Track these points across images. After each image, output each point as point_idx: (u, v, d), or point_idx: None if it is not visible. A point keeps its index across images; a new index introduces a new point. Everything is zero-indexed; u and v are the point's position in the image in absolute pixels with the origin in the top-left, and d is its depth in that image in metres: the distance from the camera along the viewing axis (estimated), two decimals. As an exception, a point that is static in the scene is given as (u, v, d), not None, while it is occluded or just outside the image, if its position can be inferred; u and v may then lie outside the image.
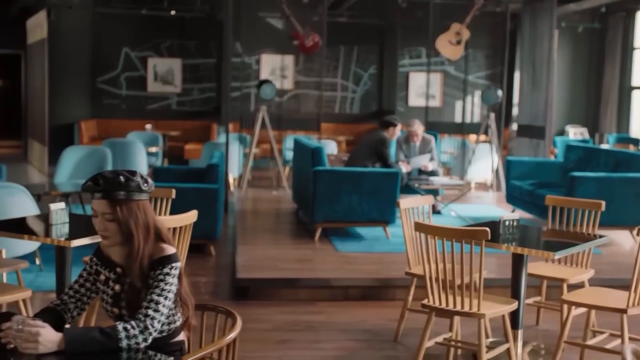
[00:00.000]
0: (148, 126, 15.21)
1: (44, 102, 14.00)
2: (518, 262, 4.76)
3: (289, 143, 14.28)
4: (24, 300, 4.60)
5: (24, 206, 6.27)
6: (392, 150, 9.36)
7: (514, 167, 9.30)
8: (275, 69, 16.07)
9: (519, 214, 9.12)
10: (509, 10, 11.40)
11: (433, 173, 9.24)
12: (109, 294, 2.82)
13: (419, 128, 9.35)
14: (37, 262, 6.75)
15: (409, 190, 8.73)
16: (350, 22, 15.81)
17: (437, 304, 4.37)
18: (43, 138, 14.06)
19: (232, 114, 15.95)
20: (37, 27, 14.62)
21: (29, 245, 6.42)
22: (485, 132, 11.49)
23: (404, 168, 8.84)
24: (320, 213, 7.63)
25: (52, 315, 2.75)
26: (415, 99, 16.56)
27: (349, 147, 15.06)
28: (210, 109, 16.24)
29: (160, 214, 5.45)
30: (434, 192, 9.41)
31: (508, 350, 4.50)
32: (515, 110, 15.29)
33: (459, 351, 5.00)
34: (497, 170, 11.46)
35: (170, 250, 2.77)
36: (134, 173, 2.74)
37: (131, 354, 2.58)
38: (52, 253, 7.13)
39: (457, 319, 4.83)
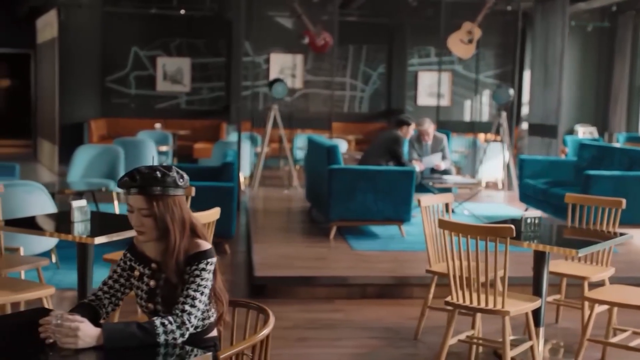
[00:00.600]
0: (157, 125, 15.22)
1: (54, 102, 14.00)
2: (540, 259, 4.76)
3: (298, 142, 14.29)
4: (47, 298, 4.59)
5: (42, 204, 6.28)
6: (405, 149, 9.35)
7: (527, 166, 9.29)
8: (285, 68, 16.07)
9: (533, 212, 9.14)
10: (521, 9, 11.37)
11: (446, 172, 9.23)
12: (143, 290, 2.82)
13: (430, 127, 9.34)
14: (54, 259, 6.76)
15: (422, 189, 8.72)
16: (360, 21, 15.82)
17: (460, 302, 4.36)
18: (53, 137, 14.07)
19: (242, 113, 15.99)
20: (47, 26, 14.63)
21: (46, 243, 6.43)
22: (497, 131, 11.47)
23: (418, 167, 8.83)
24: (335, 211, 7.63)
25: (88, 311, 2.75)
26: (424, 98, 16.56)
27: (358, 146, 15.07)
28: (219, 108, 16.25)
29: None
30: (447, 191, 9.41)
31: (531, 347, 4.49)
32: (524, 109, 15.30)
33: (480, 349, 4.99)
34: (508, 169, 11.44)
35: (206, 245, 2.77)
36: (170, 168, 2.74)
37: (169, 349, 2.58)
38: (68, 251, 7.18)
39: (478, 316, 4.82)
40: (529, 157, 9.56)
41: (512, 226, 4.13)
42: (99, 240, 4.39)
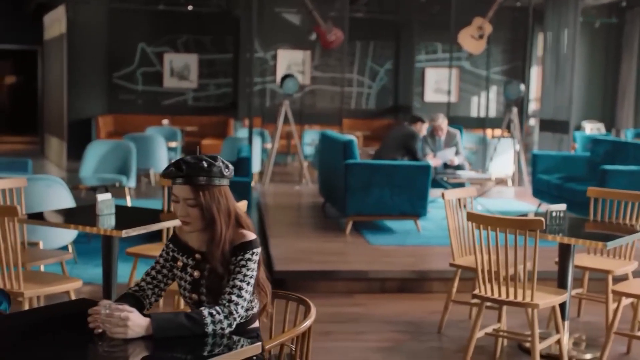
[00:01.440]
0: (165, 121, 15.20)
1: (62, 98, 14.00)
2: (565, 253, 4.76)
3: (307, 138, 14.28)
4: (73, 291, 4.58)
5: (61, 198, 6.27)
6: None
7: (540, 161, 9.29)
8: (292, 64, 16.06)
9: (547, 207, 9.14)
10: (532, 5, 11.36)
11: (459, 167, 9.23)
12: (187, 280, 2.82)
13: (443, 122, 9.35)
14: (72, 254, 6.75)
15: (435, 184, 8.72)
16: (367, 17, 15.80)
17: (489, 294, 4.36)
18: (61, 133, 14.07)
19: (250, 110, 15.98)
20: (55, 22, 14.62)
21: (64, 238, 6.42)
22: (508, 127, 11.46)
23: (433, 163, 8.83)
24: (351, 206, 7.63)
25: (133, 301, 2.75)
26: (432, 95, 16.55)
27: (366, 142, 15.06)
28: (226, 105, 16.24)
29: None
30: (460, 186, 9.41)
31: (558, 341, 4.49)
32: (532, 106, 15.30)
33: (505, 342, 4.99)
34: (519, 165, 11.43)
35: (251, 235, 2.76)
36: (215, 158, 2.74)
37: (216, 339, 2.57)
38: (85, 246, 7.19)
39: (504, 310, 4.82)
40: (542, 153, 9.56)
41: (542, 219, 4.13)
42: (127, 232, 4.39)
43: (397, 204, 7.64)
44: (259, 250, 2.77)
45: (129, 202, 9.35)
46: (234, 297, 2.66)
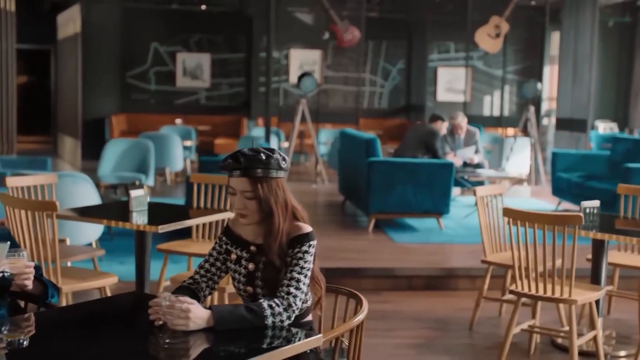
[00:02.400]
0: (178, 121, 15.22)
1: (76, 97, 14.01)
2: (599, 249, 4.75)
3: (322, 137, 14.27)
4: (108, 286, 4.58)
5: (88, 195, 6.28)
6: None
7: (560, 160, 9.27)
8: (304, 64, 16.04)
9: (566, 205, 9.13)
10: (549, 4, 11.35)
11: (479, 165, 9.21)
12: (241, 273, 2.81)
13: (462, 120, 9.33)
14: (104, 250, 6.75)
15: (455, 183, 8.71)
16: (380, 17, 15.78)
17: (525, 290, 4.35)
18: (75, 132, 14.07)
19: (262, 109, 15.98)
20: (70, 22, 14.63)
21: (90, 235, 6.41)
22: (525, 126, 11.44)
23: (453, 161, 8.82)
24: (374, 204, 7.62)
25: (188, 294, 2.73)
26: (444, 94, 16.53)
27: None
28: (239, 104, 16.24)
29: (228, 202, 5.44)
30: (477, 185, 9.40)
31: (594, 337, 4.47)
32: (544, 105, 15.27)
33: (538, 339, 4.98)
34: (536, 163, 11.41)
35: (307, 228, 2.76)
36: (273, 150, 2.73)
37: (276, 331, 2.57)
38: (108, 243, 7.18)
39: (539, 306, 4.80)
40: (562, 151, 9.54)
41: (581, 215, 4.12)
42: (163, 228, 4.39)
43: (420, 201, 7.63)
44: (315, 242, 2.76)
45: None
46: (292, 290, 2.66)
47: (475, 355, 4.86)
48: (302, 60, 16.09)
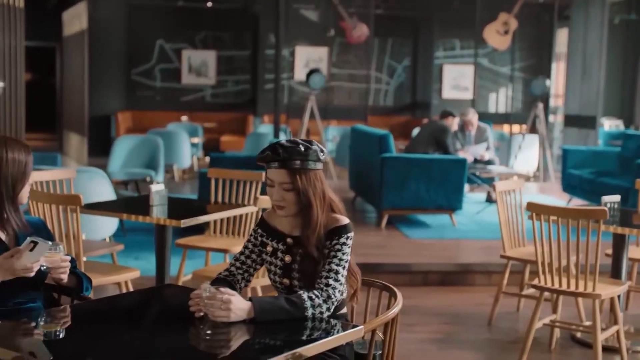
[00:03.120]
0: (184, 118, 15.22)
1: (83, 94, 14.00)
2: (620, 244, 4.76)
3: (328, 134, 14.25)
4: (130, 281, 4.58)
5: (103, 190, 6.26)
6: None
7: (570, 156, 9.26)
8: (310, 61, 16.03)
9: (577, 202, 9.12)
10: (558, 1, 11.34)
11: (489, 162, 9.21)
12: (277, 265, 2.80)
13: (474, 117, 9.33)
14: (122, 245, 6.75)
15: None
16: (386, 14, 15.77)
17: (548, 285, 4.34)
18: (82, 129, 14.07)
19: (268, 107, 15.97)
20: (76, 18, 14.62)
21: (105, 230, 6.40)
22: (533, 123, 11.43)
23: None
24: (387, 200, 7.61)
25: (225, 286, 2.72)
26: (449, 91, 16.52)
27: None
28: (244, 101, 16.22)
29: (251, 197, 5.44)
30: (490, 181, 9.39)
31: (617, 332, 4.47)
32: (550, 102, 15.26)
33: (558, 334, 4.97)
34: (544, 160, 11.40)
35: (344, 220, 2.75)
36: (311, 142, 2.72)
37: (315, 322, 2.57)
38: (121, 239, 7.16)
39: (560, 301, 4.80)
40: (572, 148, 9.53)
41: (606, 209, 4.11)
42: (186, 222, 4.38)
43: (433, 197, 7.62)
44: (352, 234, 2.76)
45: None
46: (331, 281, 2.65)
47: (496, 350, 4.85)
48: (308, 57, 16.08)
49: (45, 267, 2.72)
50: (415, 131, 12.88)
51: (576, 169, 9.11)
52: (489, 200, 9.34)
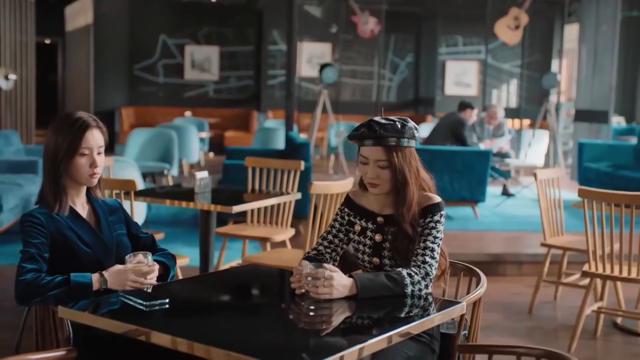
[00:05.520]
0: (188, 113, 15.17)
1: (88, 89, 13.94)
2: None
3: (333, 130, 14.24)
4: (179, 267, 4.54)
5: (135, 179, 6.21)
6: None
7: (586, 150, 9.29)
8: (313, 57, 16.02)
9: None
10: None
11: (506, 155, 9.23)
12: (366, 244, 2.78)
13: (500, 110, 9.35)
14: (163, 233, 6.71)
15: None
16: (389, 10, 15.77)
17: (600, 271, 4.35)
18: (87, 124, 13.97)
19: (272, 102, 15.95)
20: (80, 13, 14.54)
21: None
22: (544, 117, 11.47)
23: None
24: (411, 192, 7.59)
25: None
26: (452, 88, 16.54)
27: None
28: (247, 97, 16.19)
29: (289, 186, 5.43)
30: (506, 175, 9.42)
31: (666, 318, 4.49)
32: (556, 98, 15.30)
33: (602, 321, 4.98)
34: (555, 154, 11.43)
35: (437, 198, 2.74)
36: (407, 120, 2.71)
37: (414, 300, 2.55)
38: (151, 227, 7.12)
39: (607, 288, 4.81)
40: (588, 141, 9.57)
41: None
42: (237, 208, 4.37)
43: (457, 189, 7.62)
44: (445, 213, 2.74)
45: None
46: (427, 259, 2.64)
47: (542, 337, 4.85)
48: (311, 53, 16.07)
49: (149, 288, 2.66)
50: (425, 127, 12.91)
51: (593, 162, 9.14)
52: (505, 193, 9.36)
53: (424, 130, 11.82)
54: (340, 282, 2.46)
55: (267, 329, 2.31)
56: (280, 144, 11.69)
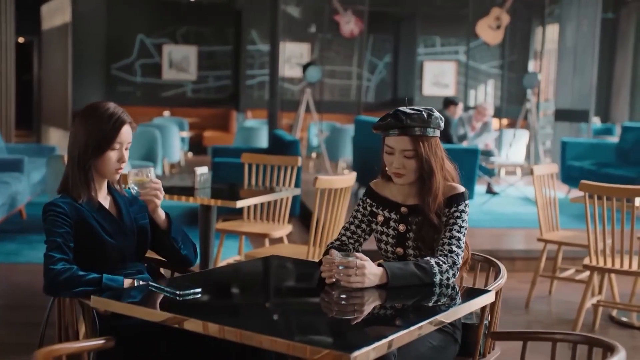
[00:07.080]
0: (166, 113, 15.09)
1: (66, 89, 13.80)
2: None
3: (313, 129, 14.24)
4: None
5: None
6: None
7: (569, 148, 9.38)
8: (292, 57, 16.00)
9: (577, 193, 9.25)
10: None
11: (489, 153, 9.29)
12: (390, 235, 2.79)
13: (489, 108, 9.41)
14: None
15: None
16: (369, 10, 15.79)
17: (601, 265, 4.39)
18: (65, 124, 13.84)
19: (250, 102, 15.91)
20: (56, 12, 14.39)
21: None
22: (525, 117, 11.56)
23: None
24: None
25: (340, 254, 2.71)
26: (430, 88, 16.61)
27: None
28: (226, 97, 16.13)
29: (286, 182, 5.42)
30: (491, 173, 9.48)
31: (664, 310, 4.54)
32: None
33: (599, 314, 5.03)
34: (536, 153, 11.53)
35: (461, 188, 2.75)
36: (432, 110, 2.72)
37: (442, 289, 2.56)
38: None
39: (606, 282, 4.86)
40: (572, 140, 9.65)
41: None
42: (241, 203, 4.35)
43: (445, 187, 7.64)
44: (469, 202, 2.76)
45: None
46: (454, 248, 2.65)
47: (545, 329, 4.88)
48: (290, 53, 16.04)
49: (135, 191, 2.73)
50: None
51: (576, 161, 9.23)
52: (490, 191, 9.42)
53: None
54: (372, 271, 2.46)
55: (299, 315, 2.30)
56: (262, 142, 11.68)
